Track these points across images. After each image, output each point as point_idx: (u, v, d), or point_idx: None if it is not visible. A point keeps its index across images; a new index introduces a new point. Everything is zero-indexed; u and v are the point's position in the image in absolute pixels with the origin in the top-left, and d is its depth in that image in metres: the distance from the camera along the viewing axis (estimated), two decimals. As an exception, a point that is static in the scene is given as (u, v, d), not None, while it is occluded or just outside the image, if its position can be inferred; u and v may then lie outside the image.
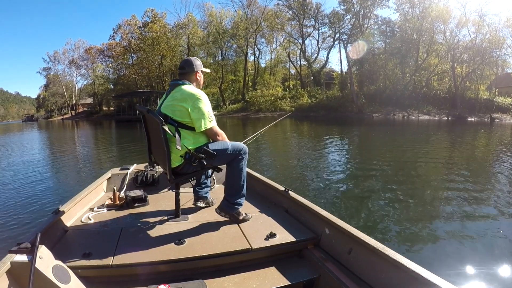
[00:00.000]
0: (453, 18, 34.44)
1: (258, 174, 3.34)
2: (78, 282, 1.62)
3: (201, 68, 2.53)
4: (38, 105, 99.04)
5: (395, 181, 6.41)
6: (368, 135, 16.72)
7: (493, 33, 31.69)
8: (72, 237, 2.25)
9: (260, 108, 41.59)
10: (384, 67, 38.43)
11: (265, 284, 1.81)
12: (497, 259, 3.15)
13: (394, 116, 30.95)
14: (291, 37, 50.63)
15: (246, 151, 2.51)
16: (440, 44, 35.47)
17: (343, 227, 1.96)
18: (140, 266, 1.85)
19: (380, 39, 42.02)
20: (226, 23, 51.57)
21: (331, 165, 8.29)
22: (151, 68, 50.38)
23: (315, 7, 47.38)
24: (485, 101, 30.57)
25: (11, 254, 1.51)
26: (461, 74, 33.45)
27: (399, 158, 9.10)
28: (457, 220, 4.23)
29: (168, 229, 2.33)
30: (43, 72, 72.49)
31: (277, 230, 2.24)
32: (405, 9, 38.63)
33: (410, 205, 4.89)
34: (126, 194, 2.94)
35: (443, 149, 10.83)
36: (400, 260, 1.55)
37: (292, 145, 13.03)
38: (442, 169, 7.58)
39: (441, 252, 3.35)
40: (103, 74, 64.26)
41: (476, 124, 22.90)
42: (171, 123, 2.29)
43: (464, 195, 5.26)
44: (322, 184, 6.31)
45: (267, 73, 53.73)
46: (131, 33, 53.43)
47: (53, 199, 5.61)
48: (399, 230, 3.93)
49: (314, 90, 43.46)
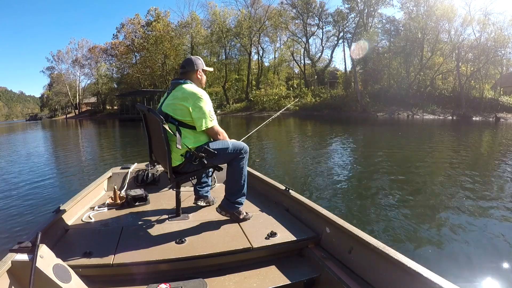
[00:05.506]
0: (458, 17, 34.22)
1: (258, 173, 3.34)
2: (78, 281, 1.63)
3: (202, 66, 2.52)
4: (42, 104, 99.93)
5: (397, 181, 6.38)
6: (372, 135, 16.64)
7: (498, 32, 31.39)
8: (73, 236, 2.25)
9: (264, 107, 41.57)
10: (389, 66, 38.25)
11: (265, 283, 1.81)
12: (498, 260, 3.13)
13: (399, 115, 30.80)
14: (295, 36, 50.59)
15: (246, 150, 2.50)
16: (445, 43, 35.28)
17: (344, 226, 1.95)
18: (140, 265, 1.86)
19: (384, 38, 41.93)
20: (230, 22, 51.70)
21: (333, 165, 8.26)
22: (155, 67, 50.48)
23: (319, 6, 47.33)
24: (490, 101, 30.32)
25: (11, 253, 1.52)
26: (465, 73, 33.21)
27: (402, 158, 9.05)
28: (459, 220, 4.19)
29: (168, 228, 2.34)
30: (46, 71, 73.39)
31: (278, 229, 2.24)
32: (409, 7, 38.39)
33: (412, 205, 4.86)
34: (127, 193, 2.95)
35: (447, 149, 10.75)
36: (401, 259, 1.54)
37: (295, 144, 13.01)
38: (445, 169, 7.53)
39: (442, 251, 3.33)
40: (107, 73, 64.57)
41: (481, 124, 22.73)
42: (172, 122, 2.29)
43: (467, 196, 5.22)
44: (323, 183, 6.30)
45: (271, 72, 53.68)
46: (135, 32, 53.55)
47: (54, 198, 5.64)
48: (400, 230, 3.91)
49: (318, 89, 43.39)
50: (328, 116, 32.76)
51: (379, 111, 32.69)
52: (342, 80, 44.43)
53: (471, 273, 2.94)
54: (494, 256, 3.22)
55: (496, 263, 3.07)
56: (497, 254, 3.25)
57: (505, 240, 3.59)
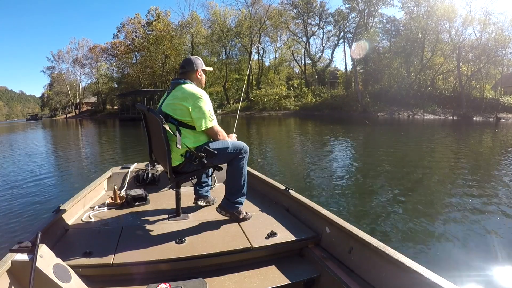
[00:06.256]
0: (458, 17, 34.14)
1: (258, 173, 3.33)
2: (78, 281, 1.63)
3: (202, 66, 2.52)
4: (42, 104, 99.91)
5: (397, 181, 6.37)
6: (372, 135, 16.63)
7: (499, 32, 31.33)
8: (73, 236, 2.26)
9: (265, 107, 41.55)
10: (389, 66, 38.18)
11: (265, 283, 1.81)
12: (498, 260, 3.12)
13: (399, 115, 30.77)
14: (295, 35, 50.52)
15: (246, 150, 2.50)
16: (446, 43, 35.17)
17: (344, 226, 1.95)
18: (140, 265, 1.86)
19: (385, 38, 41.87)
20: (230, 22, 51.63)
21: (333, 164, 8.26)
22: (155, 66, 50.42)
23: (319, 6, 47.20)
24: (491, 101, 30.28)
25: (11, 253, 1.52)
26: (466, 73, 33.16)
27: (403, 158, 9.05)
28: (460, 220, 4.19)
29: (168, 228, 2.34)
30: (47, 71, 73.31)
31: (278, 229, 2.24)
32: (410, 7, 38.33)
33: (412, 205, 4.86)
34: (127, 193, 2.95)
35: (448, 149, 10.74)
36: (401, 259, 1.54)
37: (295, 144, 13.01)
38: (447, 169, 7.53)
39: (442, 251, 3.32)
40: (107, 73, 64.45)
41: (482, 124, 22.70)
42: (172, 121, 2.29)
43: (467, 196, 5.22)
44: (323, 183, 6.30)
45: (271, 72, 53.65)
46: (135, 32, 53.45)
47: (54, 197, 5.65)
48: (400, 230, 3.91)
49: (318, 89, 43.34)
50: (329, 116, 32.73)
51: (380, 111, 32.66)
52: (342, 80, 44.39)
53: (471, 273, 2.93)
54: (495, 256, 3.22)
55: (496, 263, 3.06)
56: (497, 254, 3.25)
57: (506, 240, 3.58)
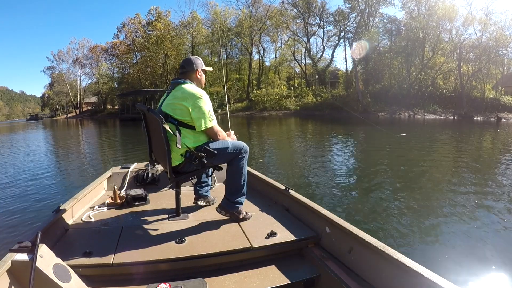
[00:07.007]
0: (459, 17, 34.04)
1: (258, 173, 3.34)
2: (78, 281, 1.63)
3: (202, 66, 2.53)
4: (43, 103, 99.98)
5: (397, 181, 6.37)
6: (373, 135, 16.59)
7: (500, 31, 31.26)
8: (73, 236, 2.26)
9: (265, 106, 41.52)
10: (390, 65, 38.13)
11: (265, 283, 1.81)
12: (498, 260, 3.12)
13: (400, 115, 30.72)
14: (296, 35, 50.47)
15: (246, 150, 2.51)
16: (446, 43, 35.10)
17: (344, 226, 1.95)
18: (140, 264, 1.86)
19: (385, 38, 41.76)
20: (231, 22, 51.62)
21: (333, 164, 8.26)
22: (155, 66, 50.44)
23: (320, 6, 47.08)
24: (491, 100, 30.19)
25: (11, 253, 1.52)
26: (467, 73, 33.10)
27: (403, 158, 9.03)
28: (460, 220, 4.18)
29: (168, 228, 2.34)
30: (47, 71, 73.38)
31: (278, 229, 2.24)
32: (410, 7, 38.23)
33: (412, 205, 4.85)
34: (127, 193, 2.96)
35: (450, 149, 10.73)
36: (401, 259, 1.54)
37: (295, 144, 13.01)
38: (448, 169, 7.52)
39: (443, 251, 3.32)
40: (108, 73, 64.50)
41: (483, 124, 22.67)
42: (172, 121, 2.29)
43: (468, 196, 5.21)
44: (323, 183, 6.30)
45: (271, 72, 53.62)
46: (135, 32, 53.49)
47: (55, 197, 5.65)
48: (400, 229, 3.91)
49: (319, 89, 43.29)
50: (329, 116, 32.70)
51: (380, 111, 32.61)
52: (343, 79, 44.30)
53: (471, 272, 2.93)
54: (495, 256, 3.22)
55: (497, 263, 3.06)
56: (497, 254, 3.24)
57: (506, 240, 3.58)
